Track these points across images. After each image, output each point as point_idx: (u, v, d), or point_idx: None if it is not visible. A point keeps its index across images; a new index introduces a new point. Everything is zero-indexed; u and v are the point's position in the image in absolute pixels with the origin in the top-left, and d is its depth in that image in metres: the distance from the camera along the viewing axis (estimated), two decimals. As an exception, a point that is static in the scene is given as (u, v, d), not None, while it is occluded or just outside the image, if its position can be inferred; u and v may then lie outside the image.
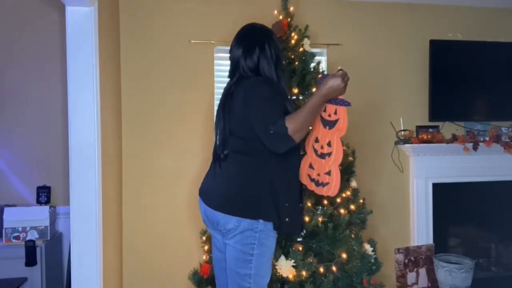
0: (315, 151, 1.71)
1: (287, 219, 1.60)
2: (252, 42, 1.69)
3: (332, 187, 1.66)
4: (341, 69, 1.55)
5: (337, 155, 1.63)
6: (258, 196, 1.57)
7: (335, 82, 1.52)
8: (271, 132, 1.47)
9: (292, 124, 1.45)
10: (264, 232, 1.58)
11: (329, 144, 1.65)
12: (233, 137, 1.62)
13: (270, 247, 1.63)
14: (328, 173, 1.65)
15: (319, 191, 1.70)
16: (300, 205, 1.76)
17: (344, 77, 1.53)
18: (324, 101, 1.57)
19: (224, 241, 1.66)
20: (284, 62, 1.76)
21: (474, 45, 3.00)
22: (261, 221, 1.57)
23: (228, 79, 1.77)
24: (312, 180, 1.72)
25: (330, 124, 1.65)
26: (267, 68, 1.66)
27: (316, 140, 1.71)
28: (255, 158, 1.59)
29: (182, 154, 2.74)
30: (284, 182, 1.62)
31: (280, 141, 1.48)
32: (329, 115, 1.65)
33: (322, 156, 1.67)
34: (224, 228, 1.60)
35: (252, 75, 1.66)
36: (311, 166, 1.73)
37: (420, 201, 2.97)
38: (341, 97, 1.59)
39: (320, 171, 1.68)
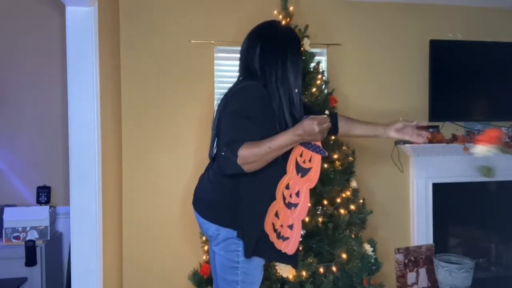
0: (284, 198, 1.51)
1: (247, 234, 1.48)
2: (256, 38, 1.57)
3: (290, 244, 1.48)
4: (326, 114, 1.45)
5: (302, 209, 1.47)
6: (234, 207, 1.49)
7: (309, 126, 1.36)
8: (222, 153, 1.38)
9: (246, 153, 1.34)
10: None
11: (297, 194, 1.48)
12: (213, 142, 1.58)
13: None
14: (290, 226, 1.49)
15: (279, 245, 1.51)
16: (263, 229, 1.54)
17: (323, 123, 1.39)
18: (296, 142, 1.42)
19: (211, 246, 1.62)
20: (297, 60, 1.56)
21: (474, 45, 3.00)
22: (240, 230, 1.49)
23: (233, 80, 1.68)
24: (275, 230, 1.51)
25: (303, 172, 1.49)
26: (268, 66, 1.51)
27: (287, 187, 1.51)
28: None
29: (182, 154, 2.74)
30: (251, 196, 1.49)
31: (227, 165, 1.39)
32: (304, 162, 1.49)
33: (289, 206, 1.49)
34: (206, 233, 1.58)
35: (255, 77, 1.52)
36: (276, 214, 1.51)
37: (420, 201, 2.97)
38: (318, 143, 1.46)
39: (283, 223, 1.50)
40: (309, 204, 1.68)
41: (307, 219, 2.00)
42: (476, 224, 3.13)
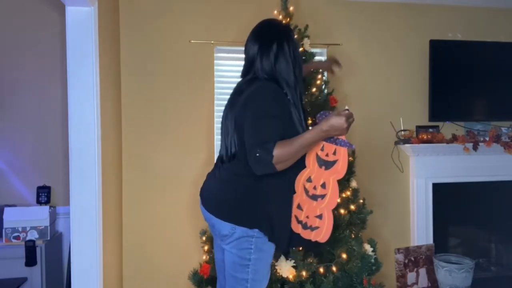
0: (306, 191, 1.56)
1: (278, 234, 1.55)
2: (270, 38, 1.58)
3: (322, 232, 1.52)
4: (347, 109, 1.46)
5: (331, 199, 1.51)
6: (253, 206, 1.52)
7: (338, 121, 1.41)
8: (257, 154, 1.39)
9: (280, 153, 1.38)
10: (261, 239, 1.53)
11: (323, 186, 1.52)
12: (234, 141, 1.56)
13: (268, 252, 1.59)
14: (319, 216, 1.52)
15: (306, 234, 1.56)
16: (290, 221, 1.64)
17: (349, 118, 1.43)
18: (322, 138, 1.48)
19: (221, 245, 1.63)
20: (301, 61, 1.65)
21: (474, 45, 3.00)
22: (256, 229, 1.52)
23: (238, 79, 1.69)
24: (299, 222, 1.57)
25: (326, 165, 1.52)
26: (284, 68, 1.56)
27: (309, 180, 1.56)
28: (249, 167, 1.50)
29: (182, 154, 2.74)
30: (278, 196, 1.55)
31: (261, 165, 1.41)
32: (327, 155, 1.53)
33: (314, 197, 1.53)
34: (220, 233, 1.57)
35: (266, 76, 1.56)
36: (299, 207, 1.58)
37: (420, 201, 2.97)
38: (342, 137, 1.50)
39: (310, 214, 1.55)
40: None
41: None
42: (476, 224, 3.13)
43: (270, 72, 1.56)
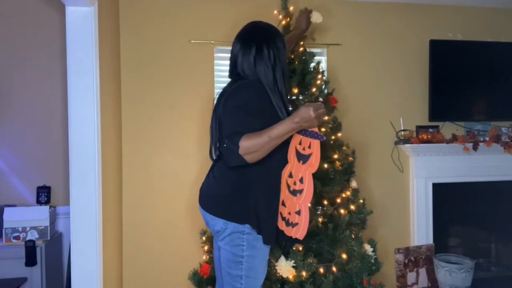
0: (288, 186, 1.57)
1: (265, 228, 1.56)
2: (250, 41, 1.62)
3: (300, 229, 1.52)
4: (320, 101, 1.50)
5: (307, 193, 1.50)
6: (241, 201, 1.55)
7: (306, 112, 1.42)
8: (224, 145, 1.45)
9: (247, 144, 1.39)
10: (252, 235, 1.55)
11: (301, 181, 1.52)
12: (216, 140, 1.64)
13: (261, 249, 1.60)
14: (298, 212, 1.52)
15: (288, 231, 1.56)
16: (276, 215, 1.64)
17: (318, 109, 1.44)
18: (294, 129, 1.47)
19: (217, 242, 1.68)
20: (285, 64, 1.66)
21: (474, 45, 3.00)
22: (247, 225, 1.55)
23: (228, 79, 1.74)
24: (283, 218, 1.58)
25: (304, 159, 1.53)
26: (263, 70, 1.58)
27: (290, 175, 1.57)
28: None
29: (182, 154, 2.74)
30: (265, 190, 1.57)
31: (230, 156, 1.45)
32: (304, 149, 1.53)
33: (294, 193, 1.54)
34: (213, 229, 1.62)
35: (249, 75, 1.59)
36: (283, 203, 1.59)
37: (420, 201, 2.97)
38: (315, 129, 1.51)
39: (291, 210, 1.55)
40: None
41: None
42: (476, 224, 3.13)
43: (252, 74, 1.60)
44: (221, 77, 2.77)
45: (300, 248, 1.99)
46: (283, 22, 2.35)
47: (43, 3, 2.63)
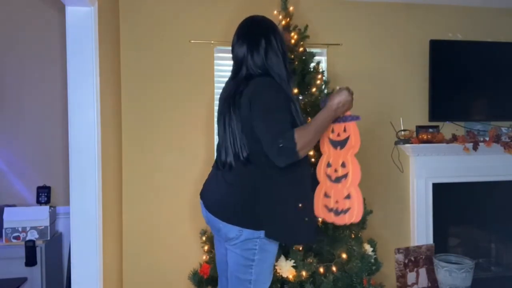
0: (329, 177, 1.56)
1: (293, 230, 1.53)
2: (256, 35, 1.58)
3: (355, 212, 1.49)
4: (340, 87, 1.50)
5: (354, 174, 1.50)
6: (260, 208, 1.49)
7: (342, 96, 1.47)
8: (280, 145, 1.36)
9: (302, 139, 1.36)
10: (264, 239, 1.52)
11: (343, 165, 1.52)
12: (244, 144, 1.51)
13: (271, 252, 1.58)
14: (348, 196, 1.51)
15: (341, 220, 1.53)
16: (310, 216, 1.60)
17: (349, 91, 1.49)
18: (333, 118, 1.49)
19: (225, 245, 1.61)
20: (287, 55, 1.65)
21: (474, 45, 3.00)
22: (262, 231, 1.50)
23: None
24: (330, 210, 1.55)
25: (341, 144, 1.54)
26: (275, 62, 1.55)
27: (328, 165, 1.57)
28: (259, 168, 1.50)
29: (182, 154, 2.74)
30: (290, 195, 1.52)
31: (286, 155, 1.38)
32: (338, 135, 1.55)
33: (338, 180, 1.53)
34: (226, 236, 1.55)
35: (260, 72, 1.54)
36: (326, 195, 1.57)
37: (420, 201, 2.97)
38: (348, 113, 1.53)
39: (338, 197, 1.53)
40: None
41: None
42: (476, 224, 3.13)
43: (263, 67, 1.55)
44: (221, 77, 2.77)
45: (300, 248, 1.99)
46: (283, 22, 2.35)
47: (43, 3, 2.63)
